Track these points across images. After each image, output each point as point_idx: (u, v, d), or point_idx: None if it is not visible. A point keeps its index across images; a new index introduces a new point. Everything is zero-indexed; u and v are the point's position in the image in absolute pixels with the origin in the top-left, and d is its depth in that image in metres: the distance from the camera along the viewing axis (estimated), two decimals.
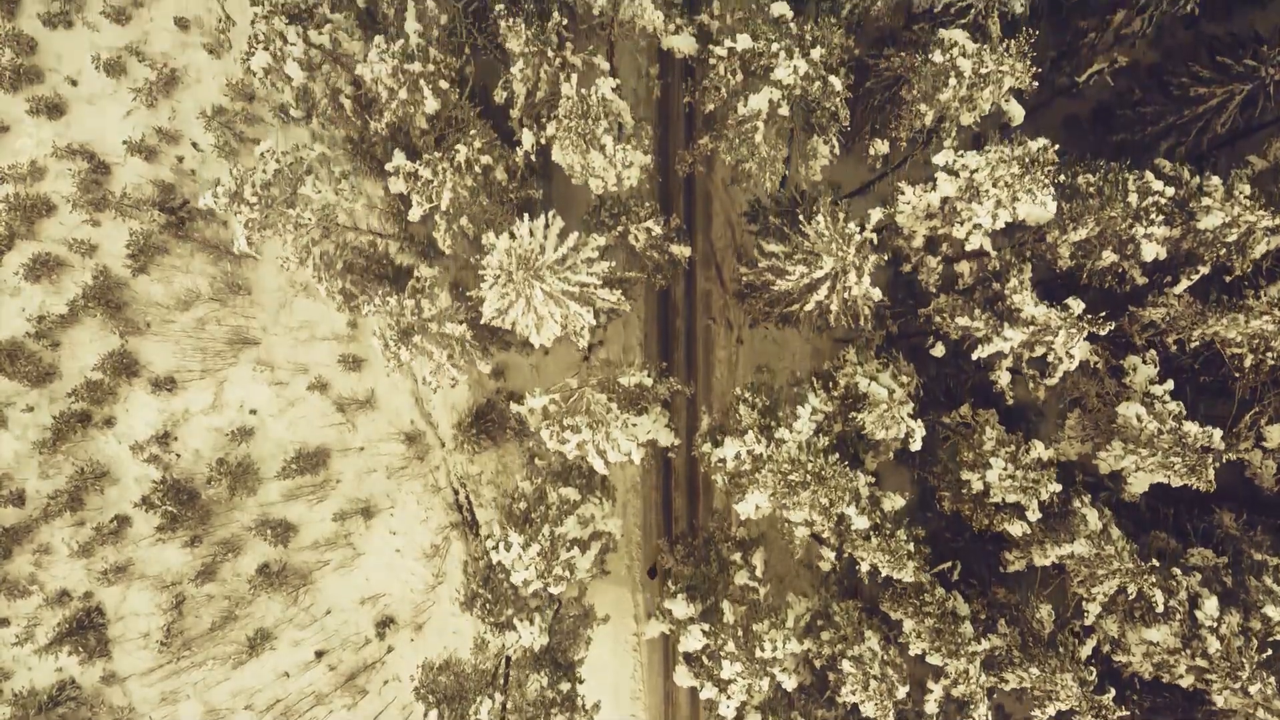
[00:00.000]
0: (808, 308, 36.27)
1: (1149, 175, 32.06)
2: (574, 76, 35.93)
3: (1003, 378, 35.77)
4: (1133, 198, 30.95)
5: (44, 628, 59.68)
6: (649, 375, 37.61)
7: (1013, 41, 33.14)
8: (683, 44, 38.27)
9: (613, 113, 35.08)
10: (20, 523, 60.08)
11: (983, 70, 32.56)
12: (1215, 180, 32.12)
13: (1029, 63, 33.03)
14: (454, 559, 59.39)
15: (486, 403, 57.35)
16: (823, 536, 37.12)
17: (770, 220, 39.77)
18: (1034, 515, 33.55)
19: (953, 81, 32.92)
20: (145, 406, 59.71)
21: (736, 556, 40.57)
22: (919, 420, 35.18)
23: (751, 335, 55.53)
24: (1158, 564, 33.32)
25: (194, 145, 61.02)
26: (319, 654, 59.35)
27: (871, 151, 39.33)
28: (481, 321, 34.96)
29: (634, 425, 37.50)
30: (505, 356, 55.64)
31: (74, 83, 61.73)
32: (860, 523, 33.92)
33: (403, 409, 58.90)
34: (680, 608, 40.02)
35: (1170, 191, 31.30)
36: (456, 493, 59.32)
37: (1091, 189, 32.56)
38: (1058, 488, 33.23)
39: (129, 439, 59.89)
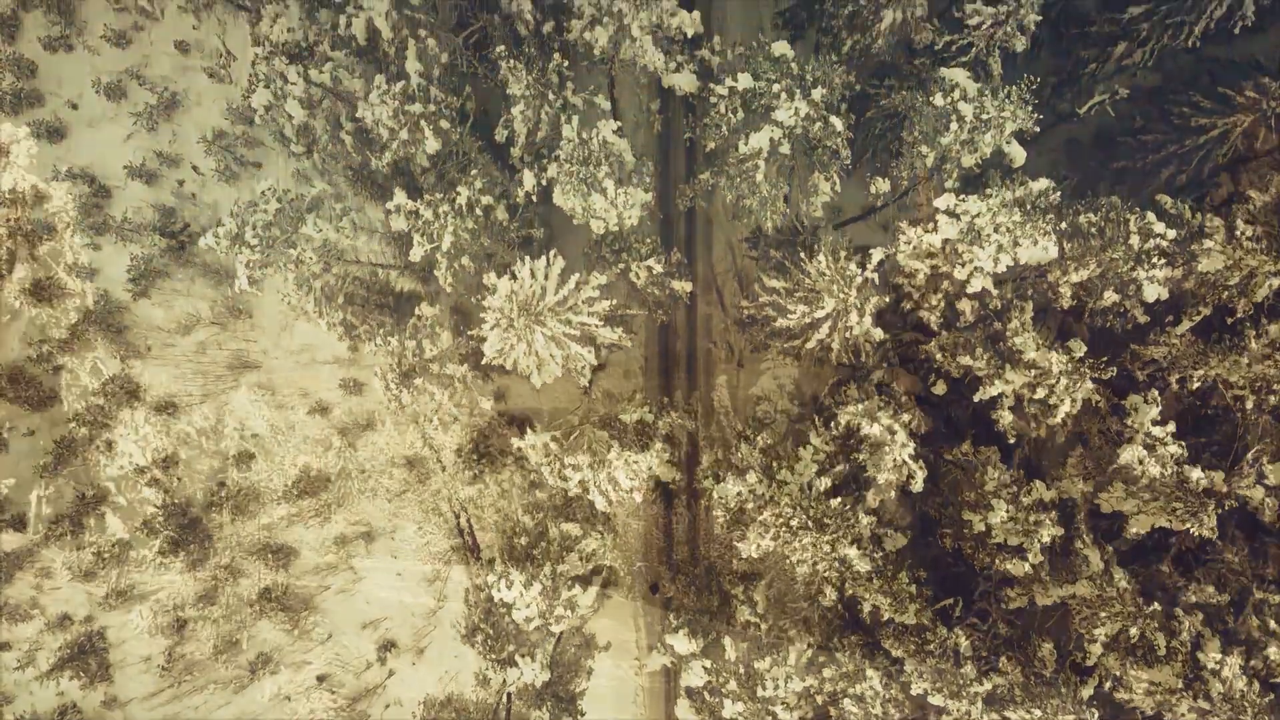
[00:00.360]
0: (809, 345, 36.26)
1: (1150, 216, 31.96)
2: (575, 119, 35.91)
3: (1004, 417, 35.69)
4: (1134, 239, 30.87)
5: (45, 652, 59.63)
6: (650, 411, 37.59)
7: (1014, 88, 33.12)
8: (684, 82, 38.27)
9: (614, 154, 35.05)
10: (21, 547, 60.04)
11: (984, 116, 32.54)
12: (1217, 221, 32.04)
13: (1031, 109, 33.02)
14: (455, 583, 59.35)
15: (488, 425, 57.36)
16: (825, 576, 37.05)
17: (771, 252, 39.77)
18: (1035, 559, 33.51)
19: (954, 126, 32.89)
20: (146, 430, 59.71)
21: (738, 590, 40.52)
22: (920, 461, 35.13)
23: (753, 358, 55.49)
24: (1159, 606, 33.25)
25: (194, 169, 61.07)
26: (320, 678, 59.30)
27: (873, 190, 39.30)
28: (483, 363, 34.94)
29: (635, 462, 37.49)
30: (507, 380, 55.59)
31: (75, 106, 61.77)
32: (862, 565, 33.88)
33: (403, 433, 58.89)
34: (682, 643, 39.95)
35: (1172, 234, 31.21)
36: (457, 517, 59.29)
37: (1093, 229, 32.48)
38: (1059, 531, 33.18)
39: (130, 463, 59.85)
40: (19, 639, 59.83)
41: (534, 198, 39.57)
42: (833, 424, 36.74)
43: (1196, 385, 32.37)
